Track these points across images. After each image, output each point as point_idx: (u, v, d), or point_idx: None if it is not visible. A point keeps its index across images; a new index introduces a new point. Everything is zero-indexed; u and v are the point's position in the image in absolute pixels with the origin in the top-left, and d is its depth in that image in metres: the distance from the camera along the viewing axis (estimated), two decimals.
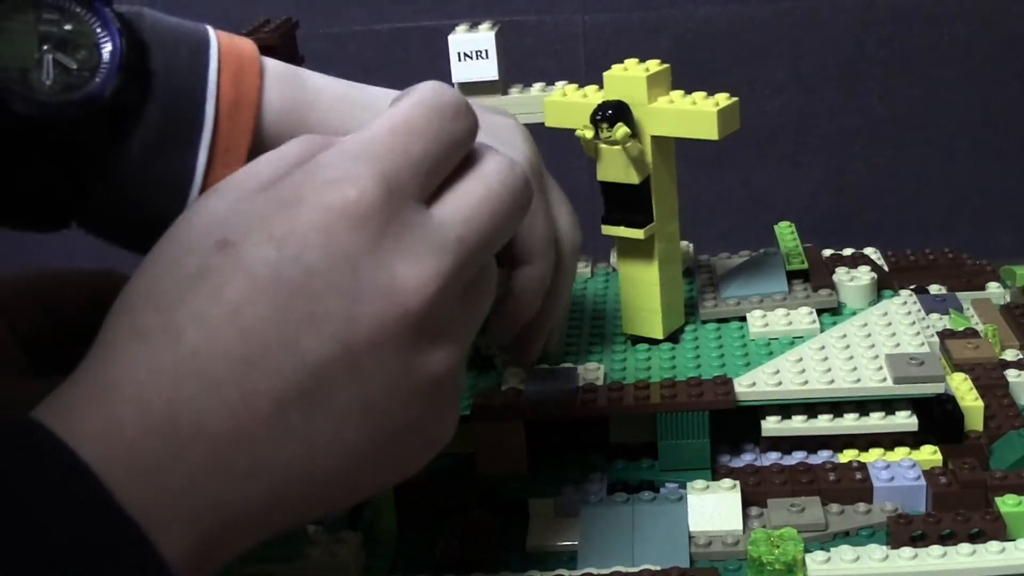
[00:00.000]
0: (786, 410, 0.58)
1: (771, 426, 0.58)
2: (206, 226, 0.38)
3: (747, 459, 0.59)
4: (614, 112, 0.60)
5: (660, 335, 0.64)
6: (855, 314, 0.65)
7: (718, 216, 0.94)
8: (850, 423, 0.57)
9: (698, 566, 0.51)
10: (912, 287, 0.72)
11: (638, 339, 0.65)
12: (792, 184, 0.97)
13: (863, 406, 0.57)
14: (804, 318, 0.64)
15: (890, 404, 0.57)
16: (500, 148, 0.45)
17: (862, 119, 0.97)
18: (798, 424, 0.58)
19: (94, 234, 0.51)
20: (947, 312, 0.71)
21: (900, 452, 0.57)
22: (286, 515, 0.39)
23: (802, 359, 0.59)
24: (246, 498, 0.37)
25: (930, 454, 0.56)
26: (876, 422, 0.57)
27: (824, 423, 0.58)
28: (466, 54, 0.69)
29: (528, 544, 0.54)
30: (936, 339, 0.66)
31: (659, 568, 0.50)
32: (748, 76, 0.95)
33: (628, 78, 0.61)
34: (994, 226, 0.97)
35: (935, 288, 0.75)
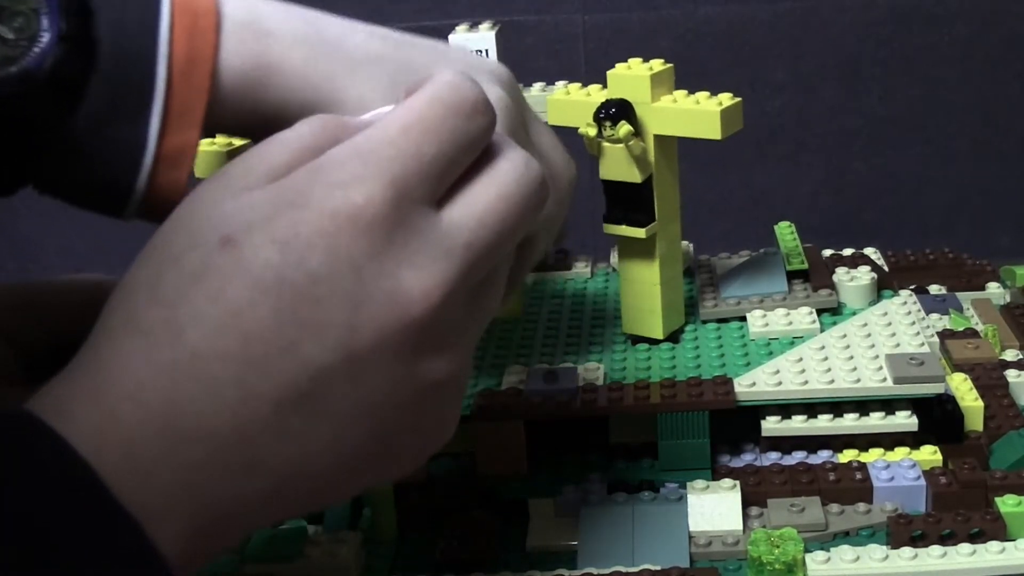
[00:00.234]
0: (786, 410, 0.58)
1: (771, 426, 0.58)
2: (209, 220, 0.37)
3: (747, 459, 0.59)
4: (617, 110, 0.60)
5: (660, 335, 0.64)
6: (855, 314, 0.65)
7: (718, 216, 0.93)
8: (850, 423, 0.57)
9: (698, 566, 0.51)
10: (912, 287, 0.72)
11: (638, 339, 0.65)
12: (792, 184, 0.97)
13: (863, 406, 0.57)
14: (804, 318, 0.64)
15: (890, 404, 0.57)
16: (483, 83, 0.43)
17: (862, 119, 0.97)
18: (798, 424, 0.58)
19: (51, 196, 0.49)
20: (947, 312, 0.71)
21: (900, 452, 0.57)
22: (283, 509, 0.39)
23: (802, 359, 0.59)
24: (243, 494, 0.36)
25: (930, 454, 0.56)
26: (876, 422, 0.57)
27: (824, 423, 0.57)
28: None
29: (528, 544, 0.54)
30: (936, 339, 0.66)
31: (659, 568, 0.50)
32: (748, 76, 0.95)
33: (632, 77, 0.61)
34: (994, 226, 0.97)
35: (935, 288, 0.75)
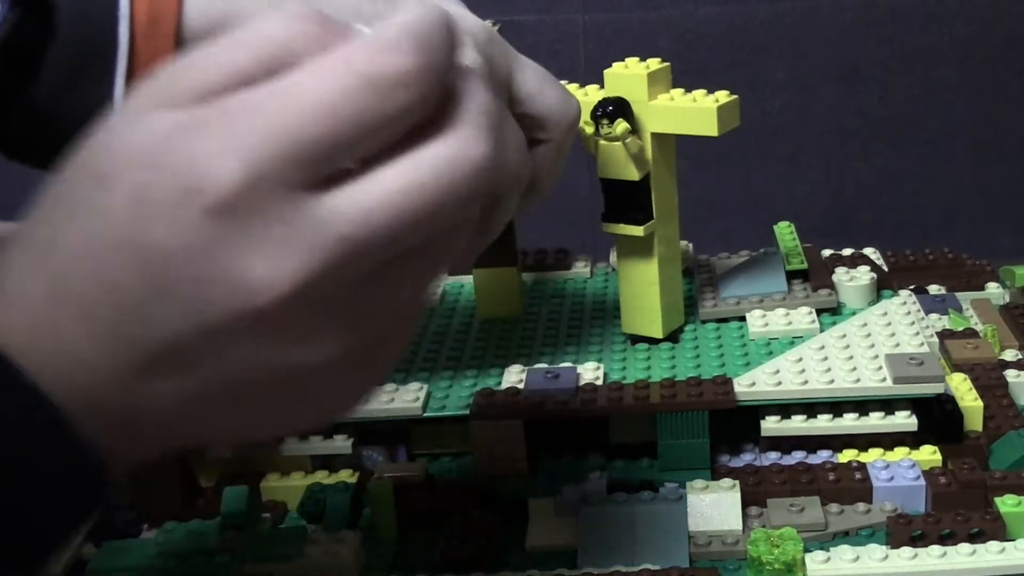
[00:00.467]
0: (786, 410, 0.58)
1: (771, 426, 0.58)
2: (107, 144, 0.36)
3: (747, 459, 0.59)
4: (615, 108, 0.60)
5: (660, 335, 0.64)
6: (855, 314, 0.65)
7: (718, 216, 0.93)
8: (850, 423, 0.57)
9: (698, 566, 0.51)
10: (912, 287, 0.72)
11: (638, 339, 0.65)
12: (792, 184, 0.97)
13: (863, 406, 0.57)
14: (804, 318, 0.64)
15: (890, 404, 0.57)
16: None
17: (862, 119, 0.97)
18: (798, 424, 0.58)
19: (20, 162, 0.48)
20: (947, 312, 0.71)
21: (900, 452, 0.57)
22: (195, 434, 0.38)
23: (802, 359, 0.59)
24: (131, 417, 0.36)
25: (930, 454, 0.56)
26: (876, 422, 0.57)
27: (824, 423, 0.58)
28: None
29: (528, 544, 0.54)
30: (936, 339, 0.66)
31: (659, 568, 0.50)
32: (748, 76, 0.95)
33: (629, 75, 0.61)
34: (994, 226, 0.97)
35: (935, 288, 0.75)
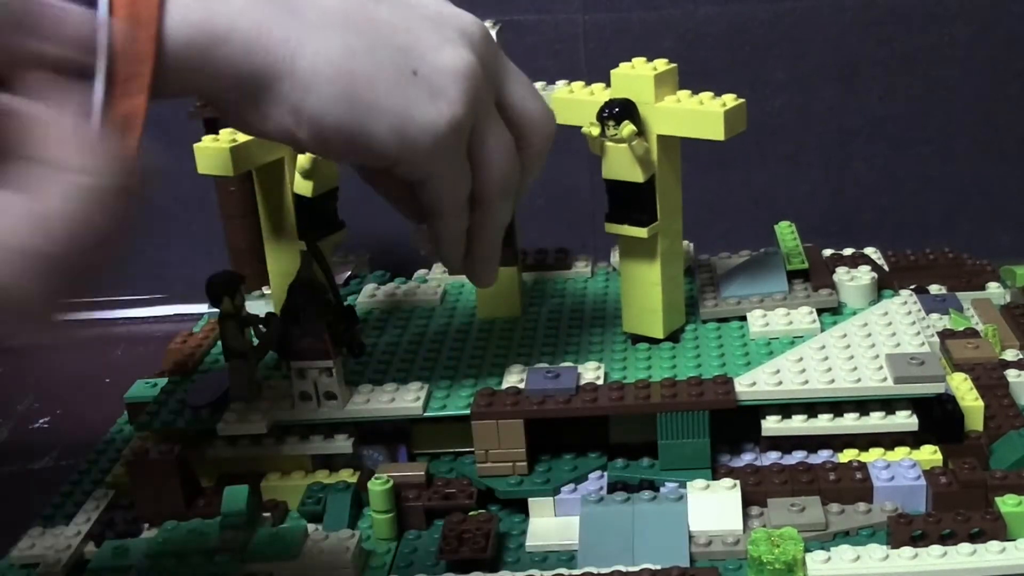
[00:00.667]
0: (786, 410, 0.58)
1: (771, 426, 0.58)
2: None
3: (747, 459, 0.59)
4: (621, 110, 0.60)
5: (661, 334, 0.64)
6: (855, 314, 0.65)
7: (718, 216, 0.93)
8: (850, 423, 0.57)
9: (698, 566, 0.51)
10: (912, 287, 0.73)
11: (639, 338, 0.65)
12: (792, 184, 0.97)
13: (863, 406, 0.57)
14: (804, 318, 0.64)
15: (890, 404, 0.57)
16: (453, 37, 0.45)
17: (862, 119, 0.97)
18: (798, 424, 0.58)
19: None
20: (947, 312, 0.71)
21: (900, 452, 0.57)
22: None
23: (802, 359, 0.59)
24: None
25: (930, 454, 0.56)
26: (876, 422, 0.57)
27: (824, 423, 0.57)
28: None
29: (528, 544, 0.54)
30: (936, 339, 0.67)
31: (659, 568, 0.50)
32: (748, 76, 0.95)
33: (635, 76, 0.60)
34: (994, 226, 0.97)
35: (935, 288, 0.75)
